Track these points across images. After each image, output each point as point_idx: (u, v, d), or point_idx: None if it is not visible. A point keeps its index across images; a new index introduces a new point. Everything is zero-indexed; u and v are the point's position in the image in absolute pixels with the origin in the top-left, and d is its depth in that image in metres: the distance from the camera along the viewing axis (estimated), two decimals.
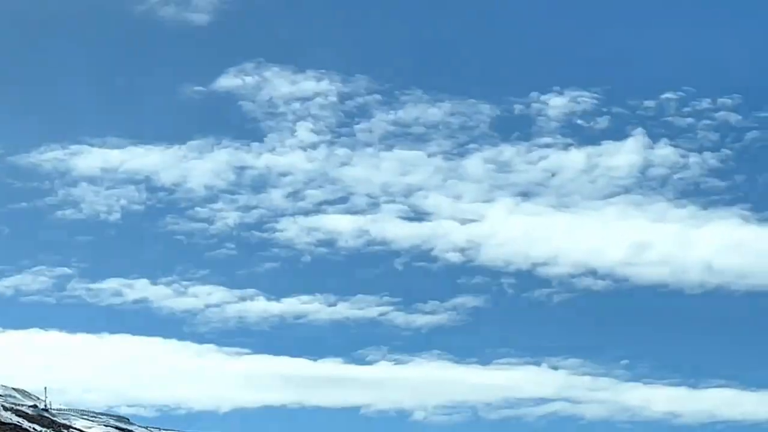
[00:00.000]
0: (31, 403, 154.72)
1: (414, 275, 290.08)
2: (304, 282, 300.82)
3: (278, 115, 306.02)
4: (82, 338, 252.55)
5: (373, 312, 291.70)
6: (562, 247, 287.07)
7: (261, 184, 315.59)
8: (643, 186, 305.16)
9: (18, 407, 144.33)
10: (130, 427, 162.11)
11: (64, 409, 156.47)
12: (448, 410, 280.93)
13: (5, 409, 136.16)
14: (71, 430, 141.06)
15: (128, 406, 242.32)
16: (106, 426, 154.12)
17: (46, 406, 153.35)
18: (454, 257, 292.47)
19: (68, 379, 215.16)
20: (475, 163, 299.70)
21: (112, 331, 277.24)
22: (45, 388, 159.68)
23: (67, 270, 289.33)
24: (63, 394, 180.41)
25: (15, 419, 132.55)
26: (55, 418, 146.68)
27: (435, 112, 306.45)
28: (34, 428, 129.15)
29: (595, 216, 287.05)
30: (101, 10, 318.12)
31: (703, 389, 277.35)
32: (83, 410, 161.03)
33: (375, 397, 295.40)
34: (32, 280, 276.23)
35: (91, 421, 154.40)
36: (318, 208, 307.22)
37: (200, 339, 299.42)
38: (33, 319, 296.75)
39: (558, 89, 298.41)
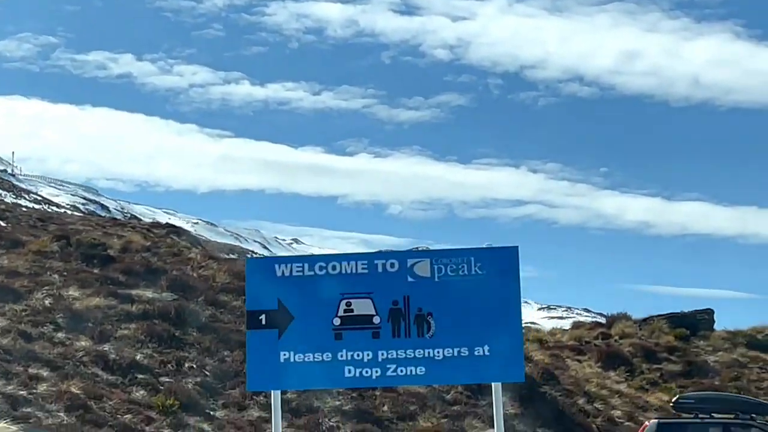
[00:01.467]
0: (1, 168, 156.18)
1: (400, 70, 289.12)
2: (290, 69, 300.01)
3: None
4: (64, 109, 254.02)
5: (356, 104, 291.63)
6: (552, 52, 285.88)
7: None
8: None
9: None
10: (98, 199, 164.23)
11: (31, 176, 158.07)
12: (424, 206, 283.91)
13: None
14: (33, 195, 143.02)
15: (107, 179, 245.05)
16: (74, 195, 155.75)
17: (12, 171, 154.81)
18: (442, 54, 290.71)
19: (48, 148, 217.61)
20: None
21: (95, 104, 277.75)
22: (12, 152, 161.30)
23: (52, 39, 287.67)
24: (42, 163, 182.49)
25: None
26: (20, 184, 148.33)
27: None
28: None
29: (587, 22, 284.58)
30: None
31: (678, 201, 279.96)
32: (51, 178, 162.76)
33: (353, 188, 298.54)
34: (16, 47, 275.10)
35: (59, 189, 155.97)
36: None
37: (182, 118, 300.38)
38: (15, 86, 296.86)
39: None
